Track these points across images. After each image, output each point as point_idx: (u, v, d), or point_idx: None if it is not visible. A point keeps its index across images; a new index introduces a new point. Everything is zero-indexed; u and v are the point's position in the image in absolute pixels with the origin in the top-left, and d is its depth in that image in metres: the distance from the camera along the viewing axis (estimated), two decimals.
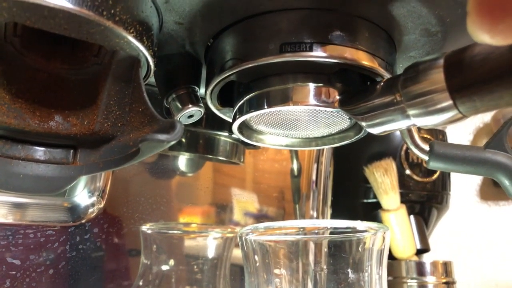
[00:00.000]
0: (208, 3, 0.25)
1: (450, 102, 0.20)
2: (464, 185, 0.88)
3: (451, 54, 0.21)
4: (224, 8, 0.25)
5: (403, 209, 0.62)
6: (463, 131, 0.91)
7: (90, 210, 0.42)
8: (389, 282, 0.60)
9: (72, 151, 0.26)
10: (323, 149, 0.62)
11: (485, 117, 0.89)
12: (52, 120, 0.26)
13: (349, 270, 0.29)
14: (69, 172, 0.26)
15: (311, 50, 0.25)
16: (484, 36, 0.14)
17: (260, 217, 0.56)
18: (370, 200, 0.65)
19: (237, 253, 0.43)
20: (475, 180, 0.91)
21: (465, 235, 0.86)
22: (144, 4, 0.24)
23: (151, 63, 0.25)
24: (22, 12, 0.20)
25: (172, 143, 0.21)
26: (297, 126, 0.31)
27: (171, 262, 0.40)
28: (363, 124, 0.26)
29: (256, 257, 0.31)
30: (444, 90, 0.20)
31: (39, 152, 0.26)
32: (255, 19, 0.26)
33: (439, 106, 0.21)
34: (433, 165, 0.28)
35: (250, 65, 0.26)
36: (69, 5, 0.20)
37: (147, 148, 0.23)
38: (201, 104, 0.30)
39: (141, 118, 0.24)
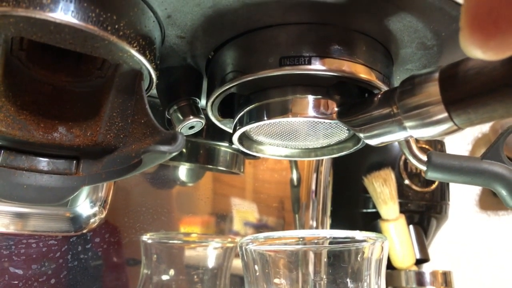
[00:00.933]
0: (209, 18, 0.26)
1: (445, 114, 0.21)
2: (463, 195, 0.88)
3: (446, 68, 0.21)
4: (225, 22, 0.26)
5: (402, 219, 0.62)
6: (462, 141, 0.91)
7: (92, 220, 0.42)
8: None
9: (75, 162, 0.27)
10: (322, 159, 0.62)
11: (483, 128, 0.89)
12: (56, 131, 0.26)
13: (348, 280, 0.30)
14: (72, 182, 0.26)
15: (309, 63, 0.25)
16: (477, 51, 0.14)
17: (260, 227, 0.56)
18: (369, 210, 0.65)
19: (237, 263, 0.43)
20: (474, 190, 0.91)
21: (464, 245, 0.86)
22: (147, 19, 0.24)
23: (154, 76, 0.26)
24: (28, 27, 0.21)
25: (174, 154, 0.22)
26: (296, 137, 0.31)
27: (171, 272, 0.40)
28: (361, 135, 0.26)
29: (256, 267, 0.31)
30: (439, 102, 0.21)
31: (43, 162, 0.26)
32: (255, 33, 0.27)
33: (434, 118, 0.21)
34: (431, 175, 0.29)
35: (250, 78, 0.26)
36: (74, 21, 0.20)
37: (149, 159, 0.23)
38: (202, 116, 0.31)
39: (143, 129, 0.25)
